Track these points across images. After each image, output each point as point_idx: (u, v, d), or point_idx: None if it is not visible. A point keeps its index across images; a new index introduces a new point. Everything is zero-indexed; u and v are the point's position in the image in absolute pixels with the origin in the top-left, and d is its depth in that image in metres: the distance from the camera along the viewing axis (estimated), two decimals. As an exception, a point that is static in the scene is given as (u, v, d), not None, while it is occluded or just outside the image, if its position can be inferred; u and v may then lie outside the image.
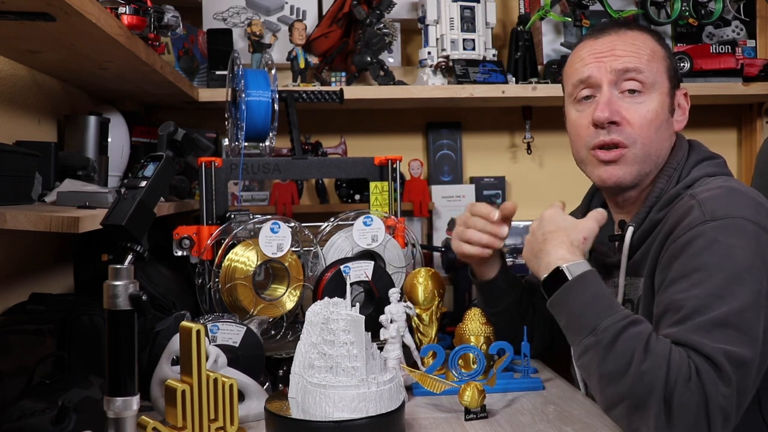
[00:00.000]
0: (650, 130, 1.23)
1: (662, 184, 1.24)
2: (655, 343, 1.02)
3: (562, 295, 1.12)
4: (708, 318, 1.02)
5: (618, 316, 1.05)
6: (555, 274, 1.13)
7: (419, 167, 2.32)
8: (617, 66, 1.24)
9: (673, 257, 1.11)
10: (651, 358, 1.00)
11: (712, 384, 0.98)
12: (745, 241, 1.07)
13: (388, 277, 1.53)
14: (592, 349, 1.05)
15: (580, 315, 1.09)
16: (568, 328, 1.12)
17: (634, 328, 1.04)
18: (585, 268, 1.12)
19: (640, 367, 1.00)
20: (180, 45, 2.17)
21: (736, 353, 1.00)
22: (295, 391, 1.14)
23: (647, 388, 0.99)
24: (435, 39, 2.20)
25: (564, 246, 1.16)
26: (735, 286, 1.04)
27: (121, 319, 0.97)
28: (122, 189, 1.07)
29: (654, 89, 1.24)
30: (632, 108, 1.24)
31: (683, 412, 0.97)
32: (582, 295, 1.10)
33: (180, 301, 1.68)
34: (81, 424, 1.05)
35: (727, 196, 1.13)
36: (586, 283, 1.10)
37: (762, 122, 2.47)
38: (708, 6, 2.26)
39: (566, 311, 1.12)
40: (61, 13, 1.09)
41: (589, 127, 1.26)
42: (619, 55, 1.25)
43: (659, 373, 0.99)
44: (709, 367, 0.99)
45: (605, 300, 1.09)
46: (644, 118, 1.23)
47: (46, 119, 1.67)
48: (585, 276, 1.11)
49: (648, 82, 1.24)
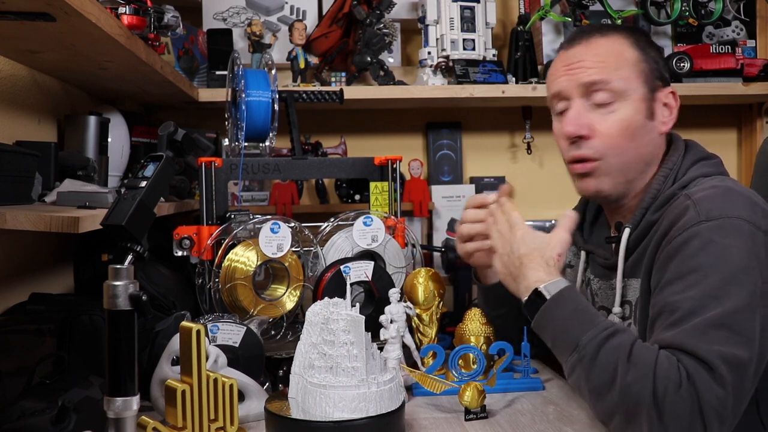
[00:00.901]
0: (623, 140, 1.23)
1: (658, 185, 1.23)
2: (639, 353, 1.01)
3: (544, 315, 1.11)
4: (703, 319, 1.01)
5: (598, 329, 1.05)
6: (534, 295, 1.13)
7: (419, 167, 2.32)
8: (584, 79, 1.24)
9: (669, 258, 1.11)
10: (635, 368, 0.99)
11: (705, 388, 0.97)
12: (741, 241, 1.06)
13: (388, 277, 1.53)
14: (578, 365, 1.05)
15: (563, 332, 1.08)
16: (555, 348, 1.12)
17: (615, 339, 1.03)
18: (562, 286, 1.12)
19: (625, 380, 0.99)
20: (180, 45, 2.17)
21: (732, 354, 0.99)
22: (295, 391, 1.14)
23: (635, 399, 0.98)
24: (435, 39, 2.20)
25: (540, 268, 1.15)
26: (731, 287, 1.03)
27: (121, 319, 0.97)
28: (122, 189, 1.07)
29: (626, 97, 1.23)
30: (602, 119, 1.23)
31: (676, 420, 0.97)
32: (561, 312, 1.09)
33: (180, 301, 1.68)
34: (81, 424, 1.05)
35: (722, 195, 1.12)
36: (565, 300, 1.10)
37: (762, 122, 2.47)
38: (708, 6, 2.26)
39: (550, 331, 1.11)
40: (61, 13, 1.09)
41: (566, 140, 1.27)
42: (586, 66, 1.24)
43: (645, 383, 0.98)
44: (702, 370, 0.98)
45: (584, 315, 1.08)
46: (614, 128, 1.22)
47: (46, 119, 1.67)
48: (562, 293, 1.11)
49: (618, 90, 1.23)
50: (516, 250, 1.19)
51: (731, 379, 0.98)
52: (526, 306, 1.15)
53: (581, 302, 1.11)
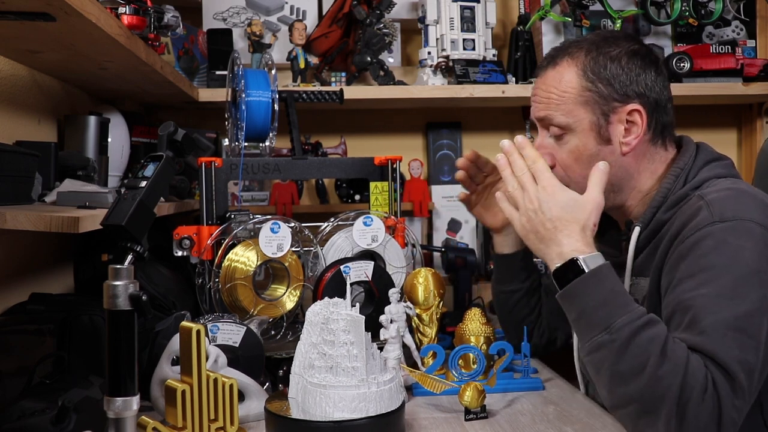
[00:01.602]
0: (579, 168, 1.24)
1: (668, 185, 1.23)
2: (673, 348, 1.00)
3: (577, 287, 1.08)
4: (718, 320, 1.01)
5: (634, 315, 1.03)
6: (569, 265, 1.10)
7: (419, 167, 2.32)
8: (536, 114, 1.30)
9: (681, 257, 1.11)
10: (668, 363, 0.99)
11: (727, 397, 0.97)
12: (753, 244, 1.07)
13: (388, 277, 1.53)
14: (606, 347, 1.03)
15: (595, 310, 1.06)
16: (580, 321, 1.09)
17: (651, 329, 1.02)
18: (601, 262, 1.09)
19: (657, 371, 0.98)
20: (180, 45, 2.17)
21: (746, 360, 1.00)
22: (295, 391, 1.14)
23: (661, 393, 0.98)
24: (435, 39, 2.20)
25: (576, 235, 1.12)
26: (743, 288, 1.03)
27: (121, 319, 0.97)
28: (122, 189, 1.07)
29: (573, 128, 1.24)
30: (558, 150, 1.27)
31: (696, 424, 0.96)
32: (597, 289, 1.07)
33: (180, 301, 1.68)
34: (81, 424, 1.05)
35: (735, 198, 1.12)
36: (603, 278, 1.08)
37: (762, 122, 2.47)
38: (708, 6, 2.26)
39: (579, 305, 1.08)
40: (61, 13, 1.09)
41: None
42: (537, 102, 1.30)
43: (675, 380, 0.97)
44: (725, 379, 0.98)
45: (621, 297, 1.07)
46: (569, 158, 1.25)
47: (46, 119, 1.67)
48: (601, 270, 1.08)
49: (563, 124, 1.25)
50: (547, 211, 1.13)
51: (747, 386, 0.99)
52: (555, 273, 1.11)
53: (618, 284, 1.09)
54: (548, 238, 1.14)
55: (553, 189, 1.15)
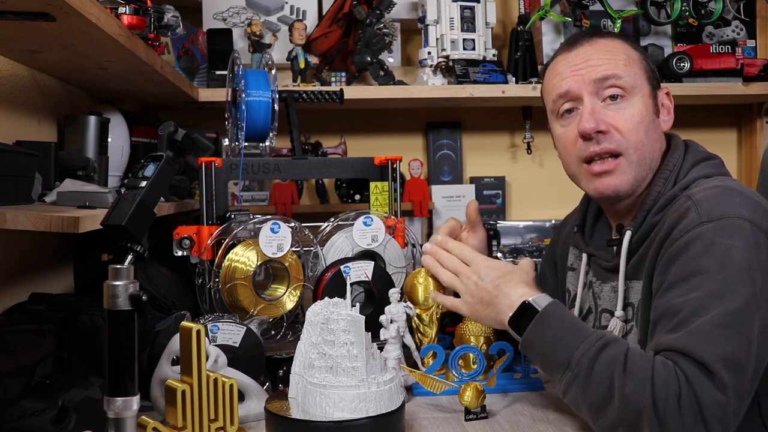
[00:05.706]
0: (639, 134, 1.22)
1: (659, 187, 1.22)
2: (634, 362, 1.01)
3: (531, 335, 1.11)
4: (705, 320, 1.01)
5: (588, 342, 1.05)
6: (521, 310, 1.13)
7: (419, 167, 2.32)
8: (595, 75, 1.23)
9: (671, 261, 1.10)
10: (632, 380, 0.99)
11: (706, 395, 0.97)
12: (742, 241, 1.06)
13: (388, 277, 1.53)
14: (573, 384, 1.05)
15: (552, 352, 1.08)
16: (545, 366, 1.12)
17: (609, 350, 1.03)
18: (549, 300, 1.13)
19: (623, 392, 0.99)
20: (180, 45, 2.18)
21: (733, 356, 0.99)
22: (295, 391, 1.14)
23: (635, 411, 0.98)
24: (435, 39, 2.20)
25: (520, 285, 1.17)
26: (733, 286, 1.03)
27: (121, 319, 0.97)
28: (122, 189, 1.07)
29: (635, 93, 1.23)
30: (617, 115, 1.22)
31: (681, 430, 0.96)
32: (549, 330, 1.09)
33: (180, 301, 1.68)
34: (81, 424, 1.05)
35: (723, 195, 1.12)
36: (550, 318, 1.10)
37: (762, 122, 2.48)
38: (708, 6, 2.26)
39: (539, 351, 1.11)
40: (61, 13, 1.09)
41: (577, 141, 1.24)
42: (595, 64, 1.24)
43: (644, 395, 0.98)
44: (702, 375, 0.98)
45: (572, 330, 1.08)
46: (631, 122, 1.21)
47: (46, 119, 1.67)
48: (547, 310, 1.11)
49: (628, 86, 1.23)
50: (486, 277, 1.21)
51: (732, 383, 0.98)
52: (512, 321, 1.15)
53: (567, 317, 1.11)
54: (494, 295, 1.19)
55: (486, 262, 1.23)
